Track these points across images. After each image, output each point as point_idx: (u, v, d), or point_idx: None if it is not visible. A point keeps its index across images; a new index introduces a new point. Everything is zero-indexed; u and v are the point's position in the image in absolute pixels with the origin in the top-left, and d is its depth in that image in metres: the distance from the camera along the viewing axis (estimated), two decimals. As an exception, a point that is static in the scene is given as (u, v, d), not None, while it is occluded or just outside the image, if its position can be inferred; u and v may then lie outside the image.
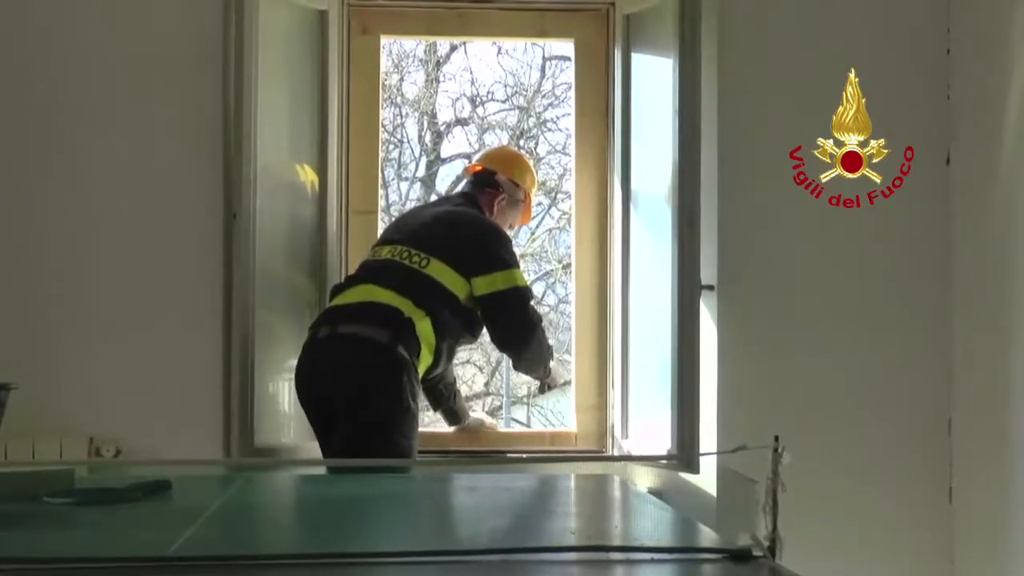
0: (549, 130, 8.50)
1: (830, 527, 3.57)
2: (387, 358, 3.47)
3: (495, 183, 3.97)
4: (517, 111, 8.58)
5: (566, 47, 4.94)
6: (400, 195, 8.49)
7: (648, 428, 3.74)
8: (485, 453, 4.01)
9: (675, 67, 3.46)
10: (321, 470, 3.50)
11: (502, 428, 4.17)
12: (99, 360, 3.65)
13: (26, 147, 3.69)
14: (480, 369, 8.35)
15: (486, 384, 8.43)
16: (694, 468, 3.36)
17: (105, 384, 3.65)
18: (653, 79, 3.84)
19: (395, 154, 8.32)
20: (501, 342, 3.82)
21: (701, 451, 3.36)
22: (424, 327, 3.54)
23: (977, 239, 3.61)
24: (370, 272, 3.67)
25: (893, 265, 3.76)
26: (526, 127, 8.54)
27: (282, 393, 3.78)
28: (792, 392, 3.69)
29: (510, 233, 4.00)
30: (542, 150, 8.54)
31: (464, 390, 7.74)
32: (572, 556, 1.49)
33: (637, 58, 4.00)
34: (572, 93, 4.31)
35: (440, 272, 3.62)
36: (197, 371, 3.62)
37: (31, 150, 3.69)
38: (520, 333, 3.77)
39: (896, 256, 3.75)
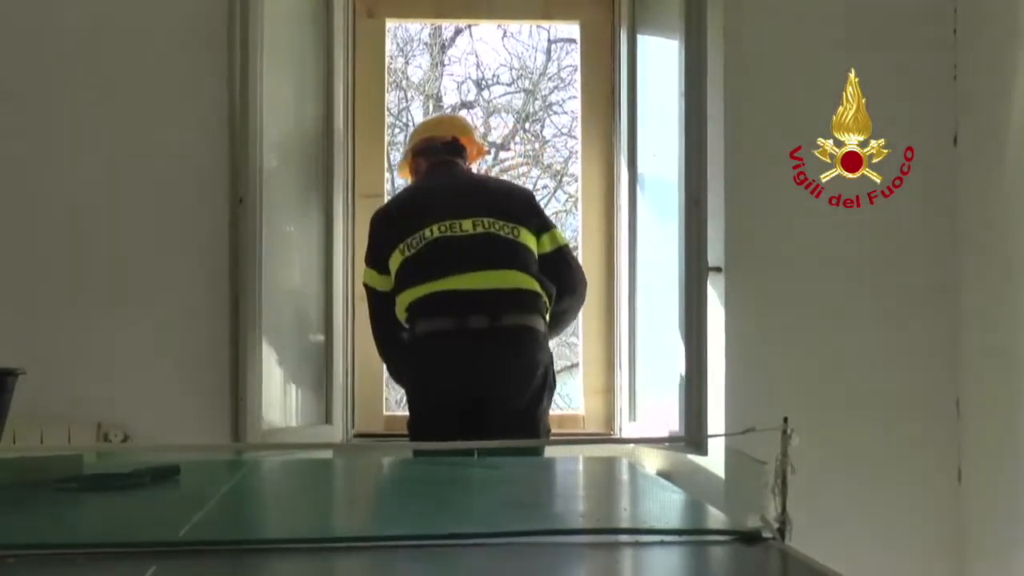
0: (555, 113, 8.47)
1: (839, 508, 3.57)
2: (544, 345, 3.51)
3: (461, 147, 3.91)
4: (523, 94, 8.56)
5: (572, 30, 4.93)
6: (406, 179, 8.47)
7: (656, 410, 3.74)
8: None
9: (681, 48, 3.45)
10: (328, 454, 3.51)
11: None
12: (107, 346, 3.65)
13: (32, 131, 3.69)
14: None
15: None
16: (702, 450, 3.36)
17: (113, 370, 3.65)
18: (659, 61, 3.83)
19: (400, 138, 8.31)
20: (566, 290, 3.70)
21: (709, 433, 3.36)
22: (545, 301, 3.58)
23: (985, 219, 3.59)
24: (473, 250, 3.55)
25: (901, 246, 3.74)
26: (532, 110, 8.52)
27: (289, 378, 3.78)
28: (800, 373, 3.68)
29: None
30: (548, 133, 8.52)
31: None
32: (581, 539, 1.49)
33: (643, 40, 3.99)
34: (578, 76, 4.30)
35: (527, 239, 3.62)
36: (205, 357, 3.62)
37: (38, 134, 3.69)
38: (578, 284, 3.75)
39: (904, 237, 3.74)
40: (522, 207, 3.69)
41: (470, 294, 3.47)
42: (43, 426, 3.46)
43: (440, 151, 3.85)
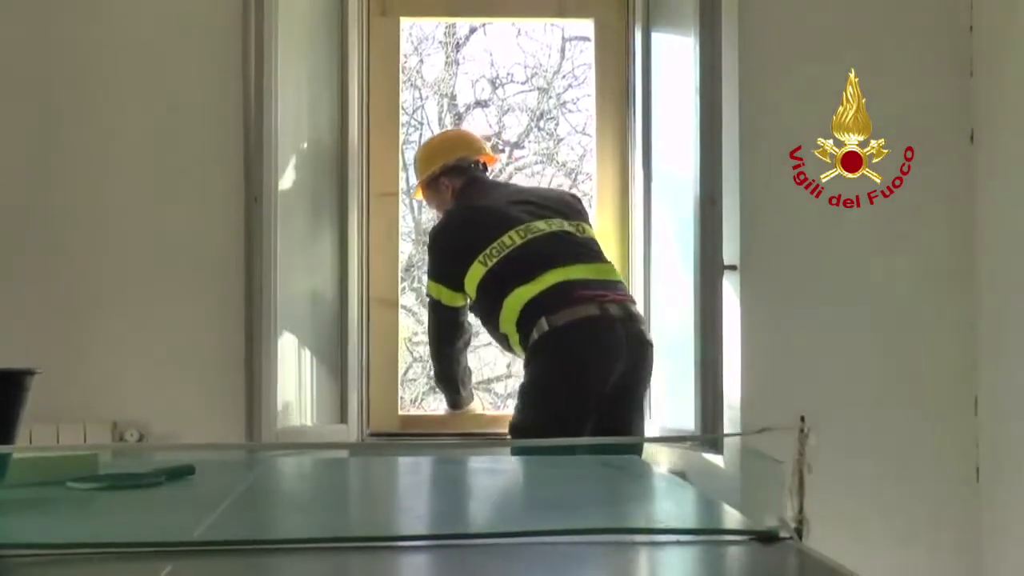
0: (569, 111, 8.46)
1: (856, 508, 3.55)
2: None
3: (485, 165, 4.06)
4: (537, 92, 8.55)
5: (586, 27, 4.91)
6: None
7: (671, 409, 3.73)
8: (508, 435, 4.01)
9: (696, 46, 3.44)
10: (343, 453, 3.51)
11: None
12: (122, 345, 3.66)
13: (49, 130, 3.70)
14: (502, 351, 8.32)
15: (508, 365, 8.42)
16: (718, 449, 3.36)
17: (128, 369, 3.66)
18: (673, 58, 3.82)
19: (415, 136, 8.31)
20: None
21: (725, 432, 3.35)
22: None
23: (1002, 215, 3.58)
24: (574, 246, 3.67)
25: (918, 243, 3.73)
26: (546, 108, 8.51)
27: (304, 377, 3.78)
28: (817, 372, 3.67)
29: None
30: (562, 131, 8.50)
31: (486, 372, 7.71)
32: (594, 539, 1.48)
33: (657, 37, 3.98)
34: (592, 73, 4.29)
35: (592, 233, 3.81)
36: (220, 355, 3.62)
37: (54, 133, 3.70)
38: None
39: (921, 234, 3.73)
40: (576, 205, 3.87)
41: (591, 283, 3.54)
42: (59, 425, 3.47)
43: (472, 169, 3.94)
